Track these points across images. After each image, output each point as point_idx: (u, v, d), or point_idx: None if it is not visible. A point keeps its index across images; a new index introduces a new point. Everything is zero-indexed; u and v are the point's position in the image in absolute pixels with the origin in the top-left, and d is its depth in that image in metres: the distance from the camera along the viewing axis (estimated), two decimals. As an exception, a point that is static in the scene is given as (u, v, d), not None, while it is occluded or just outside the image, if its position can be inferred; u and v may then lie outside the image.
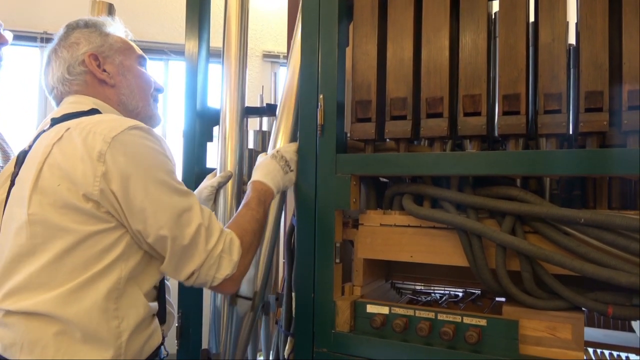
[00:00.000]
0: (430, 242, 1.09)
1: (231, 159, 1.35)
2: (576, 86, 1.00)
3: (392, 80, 1.12)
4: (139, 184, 0.87)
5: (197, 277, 0.93)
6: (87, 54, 1.05)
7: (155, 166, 0.90)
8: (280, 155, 1.17)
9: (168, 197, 0.90)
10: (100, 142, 0.87)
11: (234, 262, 0.96)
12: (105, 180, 0.86)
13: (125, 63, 1.10)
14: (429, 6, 1.09)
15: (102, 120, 0.92)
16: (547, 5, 0.99)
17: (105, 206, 0.87)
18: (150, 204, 0.88)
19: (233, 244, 0.97)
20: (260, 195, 1.08)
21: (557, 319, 0.98)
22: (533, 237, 1.00)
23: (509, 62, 1.01)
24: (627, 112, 0.92)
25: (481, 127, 1.03)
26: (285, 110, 1.28)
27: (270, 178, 1.12)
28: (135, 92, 1.10)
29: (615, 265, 0.90)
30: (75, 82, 1.05)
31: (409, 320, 1.06)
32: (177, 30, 3.47)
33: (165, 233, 0.89)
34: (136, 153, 0.89)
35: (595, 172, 0.93)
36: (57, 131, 0.92)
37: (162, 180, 0.90)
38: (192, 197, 0.94)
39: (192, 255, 0.92)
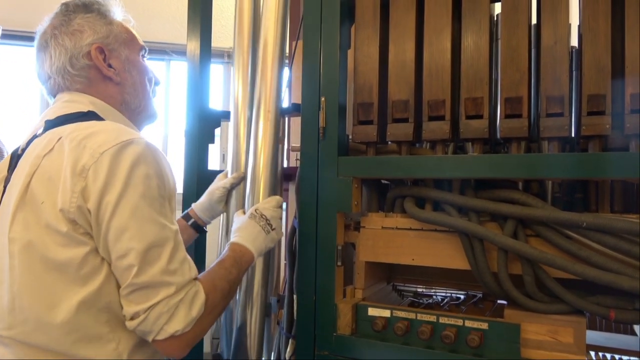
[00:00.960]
0: (431, 245, 1.09)
1: (244, 159, 1.31)
2: (578, 89, 1.00)
3: (393, 83, 1.12)
4: (111, 203, 0.79)
5: (142, 320, 0.81)
6: (93, 46, 0.96)
7: (136, 189, 0.81)
8: (260, 214, 1.10)
9: (140, 224, 0.80)
10: (87, 156, 0.80)
11: (191, 317, 0.83)
12: (82, 197, 0.79)
13: (130, 57, 1.03)
14: (431, 8, 1.09)
15: (97, 132, 0.84)
16: (549, 7, 0.99)
17: (83, 226, 0.80)
18: (116, 230, 0.79)
19: (197, 297, 0.85)
20: (236, 257, 1.01)
21: (559, 323, 0.97)
22: (535, 241, 1.00)
23: (511, 65, 1.01)
24: (630, 115, 0.91)
25: (483, 130, 1.03)
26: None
27: (251, 241, 1.05)
28: (138, 89, 1.03)
29: (617, 269, 0.90)
30: (77, 77, 0.96)
31: (411, 323, 1.06)
32: (178, 30, 3.47)
33: (131, 261, 0.80)
34: (120, 171, 0.80)
35: (597, 175, 0.93)
36: (49, 140, 0.86)
37: (139, 206, 0.80)
38: (169, 232, 0.84)
39: (145, 294, 0.81)
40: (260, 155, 1.24)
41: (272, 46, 1.26)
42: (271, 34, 1.26)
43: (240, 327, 1.25)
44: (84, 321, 0.81)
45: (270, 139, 1.24)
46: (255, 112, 1.26)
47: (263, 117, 1.25)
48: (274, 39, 1.26)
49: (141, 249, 0.80)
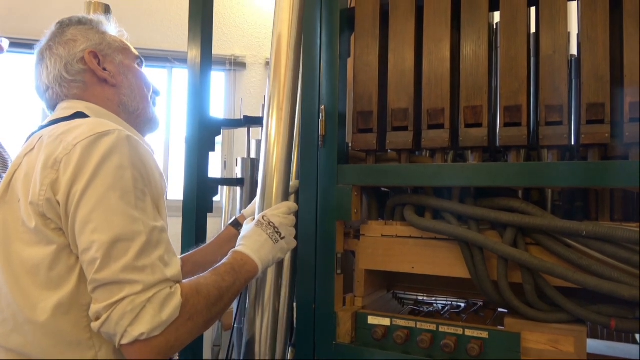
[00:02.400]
0: (431, 253, 1.09)
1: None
2: (578, 98, 1.00)
3: (393, 91, 1.12)
4: (77, 193, 0.75)
5: (104, 320, 0.74)
6: (86, 51, 0.98)
7: (105, 179, 0.76)
8: (268, 221, 1.04)
9: (106, 215, 0.75)
10: (61, 148, 0.78)
11: (159, 320, 0.74)
12: (52, 189, 0.77)
13: (125, 62, 1.03)
14: (430, 17, 1.10)
15: (76, 127, 0.82)
16: (548, 17, 0.99)
17: (53, 220, 0.78)
18: (81, 222, 0.75)
19: (170, 298, 0.76)
20: (235, 265, 0.93)
21: (560, 332, 0.97)
22: (535, 249, 1.00)
23: (510, 74, 1.01)
24: (629, 124, 0.92)
25: (482, 138, 1.03)
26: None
27: (255, 250, 0.98)
28: (136, 92, 1.03)
29: (618, 278, 0.90)
30: (74, 83, 0.97)
31: (411, 332, 1.05)
32: (180, 37, 3.49)
33: (94, 255, 0.74)
34: (91, 161, 0.76)
35: (597, 184, 0.93)
36: (31, 140, 0.88)
37: (106, 196, 0.75)
38: (141, 227, 0.77)
39: (109, 290, 0.74)
40: (272, 157, 1.17)
41: (285, 41, 1.20)
42: (285, 28, 1.21)
43: (250, 338, 1.20)
44: (62, 326, 0.78)
45: (283, 140, 1.17)
46: (268, 111, 1.20)
47: (276, 116, 1.18)
48: (288, 33, 1.20)
49: (105, 242, 0.74)
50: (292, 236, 1.07)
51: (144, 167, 0.81)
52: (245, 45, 3.75)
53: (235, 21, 3.74)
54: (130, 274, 0.74)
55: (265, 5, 3.80)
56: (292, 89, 1.19)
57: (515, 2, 1.02)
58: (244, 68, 3.73)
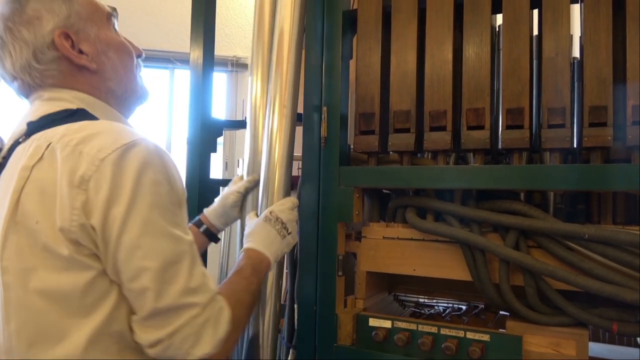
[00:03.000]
0: (433, 255, 1.09)
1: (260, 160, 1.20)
2: (580, 100, 1.00)
3: (395, 93, 1.12)
4: (119, 218, 0.68)
5: (166, 347, 0.72)
6: (56, 33, 0.81)
7: (145, 198, 0.70)
8: (275, 217, 1.03)
9: (153, 239, 0.70)
10: (85, 164, 0.69)
11: (218, 338, 0.75)
12: (84, 212, 0.68)
13: (101, 35, 0.86)
14: (433, 19, 1.10)
15: (92, 135, 0.72)
16: (550, 19, 0.99)
17: (88, 246, 0.69)
18: (127, 250, 0.69)
19: (222, 314, 0.77)
20: (255, 264, 0.93)
21: (561, 335, 0.97)
22: (537, 252, 0.99)
23: (513, 76, 1.01)
24: (631, 127, 0.91)
25: (485, 140, 1.03)
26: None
27: (267, 246, 0.98)
28: (120, 72, 0.89)
29: (620, 281, 0.89)
30: (47, 72, 0.82)
31: (412, 334, 1.05)
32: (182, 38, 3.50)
33: (145, 284, 0.70)
34: (126, 180, 0.69)
35: (599, 187, 0.92)
36: (36, 147, 0.74)
37: (150, 218, 0.70)
38: (185, 245, 0.74)
39: (166, 319, 0.72)
40: (274, 153, 1.15)
41: (287, 36, 1.18)
42: (287, 24, 1.18)
43: (252, 339, 1.18)
44: (93, 356, 0.71)
45: (286, 136, 1.15)
46: (270, 107, 1.17)
47: (278, 112, 1.16)
48: (290, 29, 1.18)
49: (157, 269, 0.70)
50: (295, 231, 1.07)
51: (172, 177, 0.75)
52: (248, 46, 3.72)
53: (238, 22, 3.75)
54: (188, 298, 0.72)
55: (267, 7, 3.79)
56: (294, 84, 1.17)
57: (517, 4, 1.02)
58: (245, 69, 3.74)
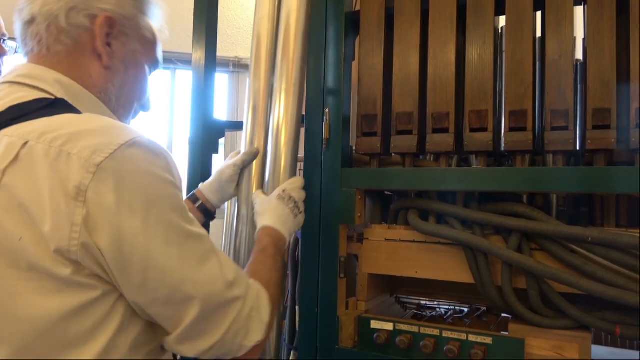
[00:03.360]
0: (435, 257, 1.08)
1: (259, 134, 1.18)
2: (583, 102, 1.00)
3: (398, 95, 1.12)
4: (140, 236, 0.60)
5: (218, 348, 0.69)
6: (104, 14, 0.74)
7: (161, 202, 0.63)
8: (289, 195, 1.02)
9: (181, 247, 0.65)
10: (78, 169, 0.59)
11: (265, 323, 0.74)
12: (87, 229, 0.58)
13: (137, 56, 0.81)
14: (435, 21, 1.09)
15: (80, 132, 0.62)
16: (554, 21, 0.99)
17: (89, 267, 0.60)
18: (158, 265, 0.62)
19: (261, 299, 0.75)
20: (275, 242, 0.92)
21: (564, 338, 0.96)
22: (539, 255, 0.99)
23: (516, 78, 1.01)
24: (635, 129, 0.91)
25: (487, 142, 1.02)
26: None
27: (282, 224, 0.97)
28: (124, 93, 0.81)
29: (623, 284, 0.89)
30: (64, 36, 0.73)
31: (414, 337, 1.05)
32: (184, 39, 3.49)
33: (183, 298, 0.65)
34: (134, 187, 0.61)
35: (602, 190, 0.92)
36: (8, 145, 0.61)
37: (171, 223, 0.64)
38: (206, 240, 0.70)
39: (214, 322, 0.68)
40: (281, 131, 1.12)
41: (295, 14, 1.15)
42: (294, 1, 1.16)
43: None
44: None
45: (293, 114, 1.13)
46: (277, 85, 1.14)
47: (285, 90, 1.13)
48: (298, 6, 1.16)
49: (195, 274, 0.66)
50: (304, 214, 1.07)
51: (173, 171, 0.68)
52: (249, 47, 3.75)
53: (239, 23, 3.75)
54: (230, 291, 0.70)
55: (269, 8, 3.80)
56: (300, 69, 1.15)
57: (521, 6, 1.01)
58: (247, 70, 3.74)
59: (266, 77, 1.19)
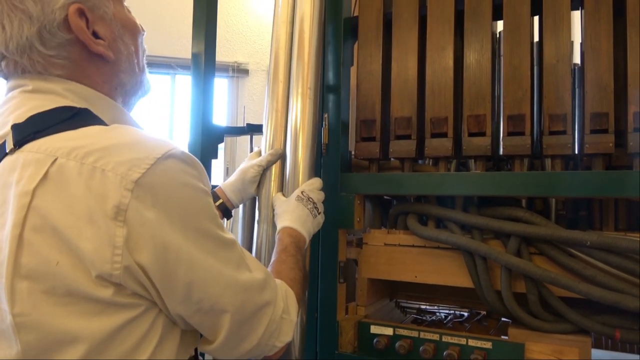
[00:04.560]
0: (434, 262, 1.08)
1: (280, 135, 1.16)
2: (581, 107, 1.00)
3: (396, 100, 1.12)
4: (183, 251, 0.60)
5: (254, 350, 0.72)
6: (71, 8, 0.65)
7: (199, 215, 0.63)
8: (307, 196, 1.02)
9: (220, 258, 0.65)
10: (116, 187, 0.55)
11: (294, 322, 0.76)
12: (128, 250, 0.56)
13: (118, 14, 0.73)
14: (433, 26, 1.10)
15: (113, 145, 0.59)
16: (551, 25, 0.99)
17: (131, 287, 0.58)
18: (201, 276, 0.62)
19: (289, 299, 0.77)
20: (296, 242, 0.93)
21: (564, 343, 0.96)
22: (539, 259, 0.99)
23: (514, 83, 1.01)
24: (633, 133, 0.91)
25: (486, 147, 1.03)
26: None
27: (301, 224, 0.97)
28: (133, 60, 0.76)
29: (622, 289, 0.89)
30: (55, 60, 0.66)
31: (413, 341, 1.04)
32: (183, 44, 3.50)
33: (224, 307, 0.65)
34: (172, 201, 0.59)
35: (601, 194, 0.92)
36: (36, 162, 0.58)
37: (209, 233, 0.64)
38: (237, 244, 0.70)
39: (253, 327, 0.70)
40: (299, 134, 1.11)
41: (309, 19, 1.13)
42: (307, 6, 1.14)
43: None
44: None
45: (310, 117, 1.12)
46: (294, 89, 1.13)
47: (301, 94, 1.12)
48: (311, 11, 1.14)
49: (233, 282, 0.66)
50: (323, 215, 1.05)
51: (206, 178, 0.67)
52: (249, 52, 3.76)
53: (239, 28, 3.76)
54: (262, 295, 0.71)
55: (268, 13, 3.81)
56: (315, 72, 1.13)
57: (518, 10, 1.02)
58: (246, 75, 3.75)
59: (285, 80, 1.18)
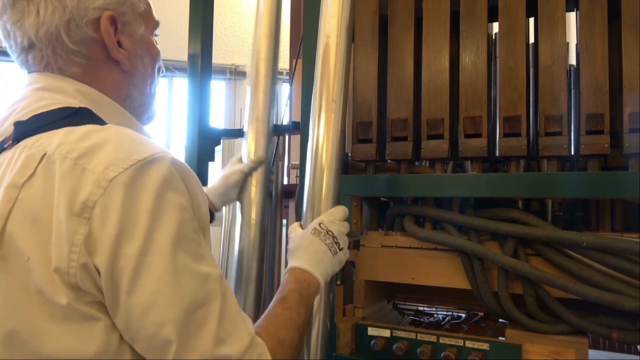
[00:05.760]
0: (431, 263, 1.08)
1: (260, 142, 1.14)
2: (577, 108, 1.00)
3: (392, 102, 1.12)
4: (133, 258, 0.54)
5: None
6: (105, 13, 0.68)
7: (166, 230, 0.56)
8: (326, 229, 0.87)
9: (177, 282, 0.56)
10: (89, 184, 0.55)
11: None
12: (87, 249, 0.54)
13: (146, 37, 0.76)
14: (429, 28, 1.10)
15: (99, 145, 0.58)
16: (546, 27, 1.00)
17: (91, 292, 0.55)
18: (147, 293, 0.54)
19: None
20: (302, 289, 0.77)
21: (561, 344, 0.96)
22: (535, 260, 0.99)
23: (509, 84, 1.01)
24: (628, 134, 0.92)
25: (482, 148, 1.03)
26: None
27: (316, 264, 0.82)
28: (147, 83, 0.77)
29: (619, 289, 0.89)
30: (75, 56, 0.68)
31: (411, 343, 1.04)
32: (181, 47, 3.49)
33: (168, 335, 0.55)
34: (142, 207, 0.55)
35: (597, 195, 0.93)
36: (27, 158, 0.59)
37: (173, 254, 0.56)
38: (214, 282, 0.60)
39: None
40: (321, 154, 0.99)
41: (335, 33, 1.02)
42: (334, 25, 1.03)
43: None
44: None
45: (335, 135, 1.00)
46: (316, 103, 1.02)
47: (325, 108, 1.01)
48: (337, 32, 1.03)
49: (180, 318, 0.55)
50: (347, 247, 0.91)
51: (196, 199, 0.62)
52: (246, 54, 3.77)
53: (236, 30, 3.77)
54: (220, 349, 0.57)
55: (265, 15, 3.82)
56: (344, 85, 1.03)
57: (514, 12, 1.02)
58: (244, 77, 3.75)
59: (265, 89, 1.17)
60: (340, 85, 1.01)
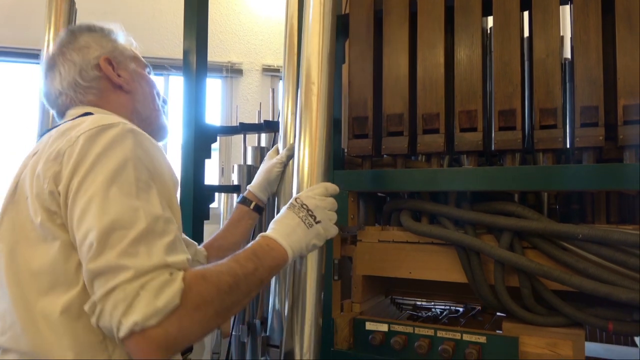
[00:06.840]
0: (428, 258, 1.09)
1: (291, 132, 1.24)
2: (572, 101, 1.00)
3: (388, 97, 1.12)
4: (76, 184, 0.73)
5: (99, 313, 0.67)
6: (101, 58, 0.97)
7: (104, 169, 0.73)
8: (300, 203, 0.91)
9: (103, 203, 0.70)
10: (65, 141, 0.77)
11: (154, 307, 0.65)
12: (54, 181, 0.75)
13: (137, 70, 1.03)
14: (424, 22, 1.10)
15: (83, 121, 0.80)
16: (540, 20, 1.00)
17: (58, 213, 0.75)
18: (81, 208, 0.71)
19: (168, 285, 0.68)
20: (258, 251, 0.83)
21: (558, 335, 0.97)
22: (531, 253, 1.00)
23: (504, 78, 1.01)
24: (623, 126, 0.92)
25: (477, 142, 1.03)
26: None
27: (286, 234, 0.87)
28: (148, 100, 1.03)
29: (615, 281, 0.89)
30: (90, 90, 0.96)
31: (408, 337, 1.05)
32: (177, 45, 3.50)
33: (92, 239, 0.68)
34: (92, 152, 0.74)
35: (593, 187, 0.93)
36: (39, 144, 0.86)
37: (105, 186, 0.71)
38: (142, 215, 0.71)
39: (103, 280, 0.67)
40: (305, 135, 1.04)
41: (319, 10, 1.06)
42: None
43: (286, 355, 1.04)
44: (72, 329, 0.73)
45: (323, 116, 1.03)
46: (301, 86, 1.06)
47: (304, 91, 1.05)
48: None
49: (101, 228, 0.68)
50: (331, 221, 0.93)
51: (149, 161, 0.77)
52: (242, 51, 3.76)
53: (232, 28, 3.75)
54: (124, 259, 0.67)
55: (261, 13, 3.81)
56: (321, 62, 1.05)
57: (508, 6, 1.02)
58: (240, 75, 3.74)
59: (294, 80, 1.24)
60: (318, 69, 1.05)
